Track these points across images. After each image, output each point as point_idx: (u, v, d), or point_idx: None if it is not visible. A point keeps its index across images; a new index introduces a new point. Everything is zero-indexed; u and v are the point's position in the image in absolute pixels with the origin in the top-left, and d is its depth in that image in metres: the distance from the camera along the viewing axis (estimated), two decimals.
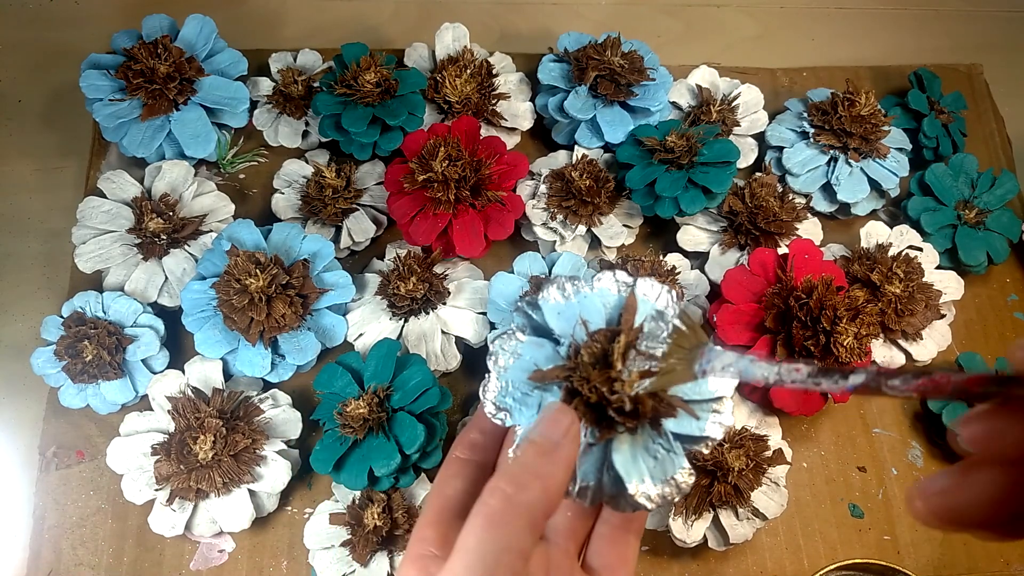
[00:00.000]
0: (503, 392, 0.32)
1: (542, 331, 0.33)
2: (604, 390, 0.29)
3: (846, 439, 0.61)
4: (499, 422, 0.32)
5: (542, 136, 0.69)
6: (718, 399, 0.32)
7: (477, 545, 0.26)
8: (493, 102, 0.66)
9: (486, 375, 0.32)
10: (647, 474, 0.30)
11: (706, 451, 0.51)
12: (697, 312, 0.61)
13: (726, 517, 0.53)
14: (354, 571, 0.51)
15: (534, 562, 0.32)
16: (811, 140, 0.66)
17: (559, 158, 0.66)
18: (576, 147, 0.66)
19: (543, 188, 0.63)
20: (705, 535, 0.53)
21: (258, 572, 0.54)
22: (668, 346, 0.29)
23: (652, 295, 0.33)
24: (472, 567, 0.25)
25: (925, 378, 0.23)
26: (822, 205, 0.67)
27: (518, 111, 0.67)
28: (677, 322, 0.30)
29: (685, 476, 0.31)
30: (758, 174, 0.66)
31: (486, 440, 0.34)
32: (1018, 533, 0.22)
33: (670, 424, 0.31)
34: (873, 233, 0.64)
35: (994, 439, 0.22)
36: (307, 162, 0.65)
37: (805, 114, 0.68)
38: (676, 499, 0.30)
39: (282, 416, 0.55)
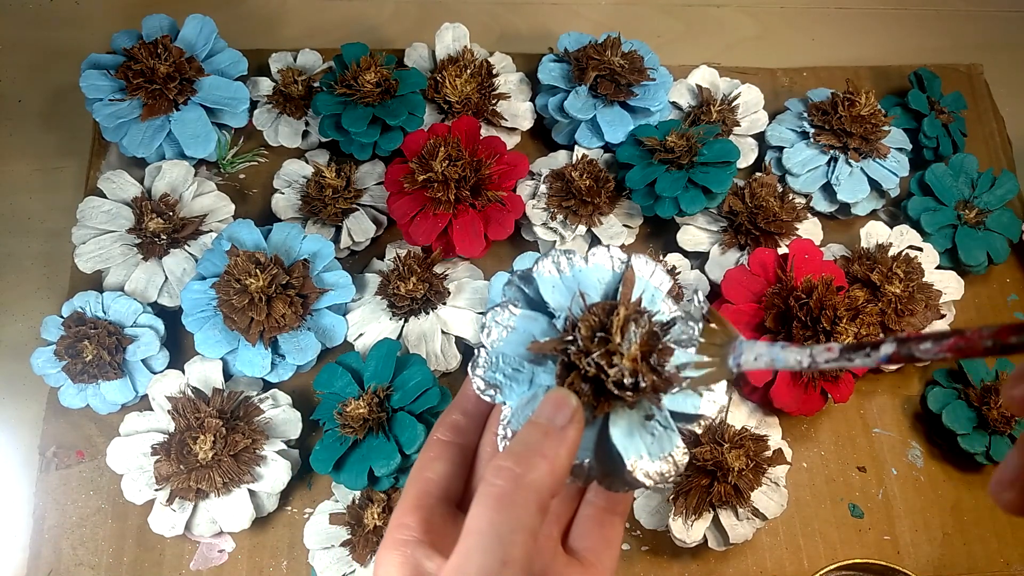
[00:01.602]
0: (493, 367, 0.31)
1: (536, 305, 0.32)
2: (603, 363, 0.29)
3: (846, 439, 0.61)
4: (488, 399, 0.31)
5: (542, 136, 0.69)
6: None
7: (489, 526, 0.25)
8: (493, 102, 0.66)
9: (476, 350, 0.32)
10: (645, 450, 0.30)
11: (699, 430, 0.51)
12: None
13: (726, 517, 0.53)
14: (354, 571, 0.51)
15: None
16: (811, 140, 0.66)
17: (559, 158, 0.66)
18: (576, 147, 0.66)
19: (543, 188, 0.63)
20: (705, 535, 0.53)
21: (258, 572, 0.54)
22: (700, 344, 0.29)
23: (646, 272, 0.33)
24: (487, 548, 0.25)
25: (957, 336, 0.22)
26: (822, 205, 0.67)
27: (518, 111, 0.67)
28: (705, 321, 0.30)
29: (681, 454, 0.30)
30: (758, 174, 0.66)
31: (468, 422, 0.34)
32: None
33: (666, 401, 0.31)
34: (873, 233, 0.64)
35: None
36: (307, 162, 0.65)
37: (805, 114, 0.68)
38: (672, 478, 0.30)
39: (282, 416, 0.55)
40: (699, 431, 0.52)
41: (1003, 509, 0.22)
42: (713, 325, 0.30)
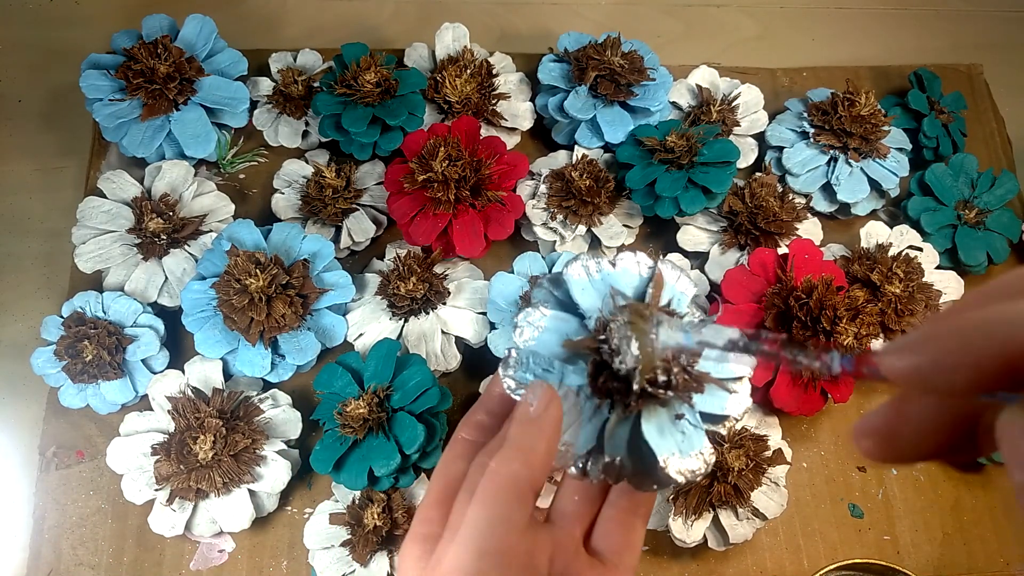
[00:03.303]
0: (524, 367, 0.31)
1: (567, 306, 0.33)
2: None
3: (846, 439, 0.61)
4: (519, 398, 0.31)
5: (542, 136, 0.69)
6: (737, 379, 0.33)
7: (464, 520, 0.26)
8: (493, 102, 0.66)
9: (507, 350, 0.32)
10: (676, 448, 0.30)
11: (724, 431, 0.52)
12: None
13: (726, 517, 0.53)
14: (354, 571, 0.51)
15: (539, 545, 0.32)
16: (811, 140, 0.66)
17: (559, 158, 0.66)
18: (576, 147, 0.66)
19: (543, 188, 0.63)
20: (705, 535, 0.53)
21: (258, 572, 0.54)
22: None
23: (672, 278, 0.33)
24: (460, 541, 0.25)
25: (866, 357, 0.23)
26: (822, 205, 0.67)
27: (518, 111, 0.67)
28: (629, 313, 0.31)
29: (709, 453, 0.31)
30: (758, 174, 0.66)
31: (492, 422, 0.34)
32: (964, 457, 0.23)
33: (696, 400, 0.31)
34: (873, 233, 0.64)
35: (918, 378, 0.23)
36: (307, 162, 0.65)
37: (805, 114, 0.68)
38: (701, 475, 0.30)
39: (282, 416, 0.55)
40: (724, 431, 0.52)
41: (860, 453, 0.24)
42: (637, 311, 0.31)
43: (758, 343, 0.25)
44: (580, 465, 0.30)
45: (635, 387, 0.30)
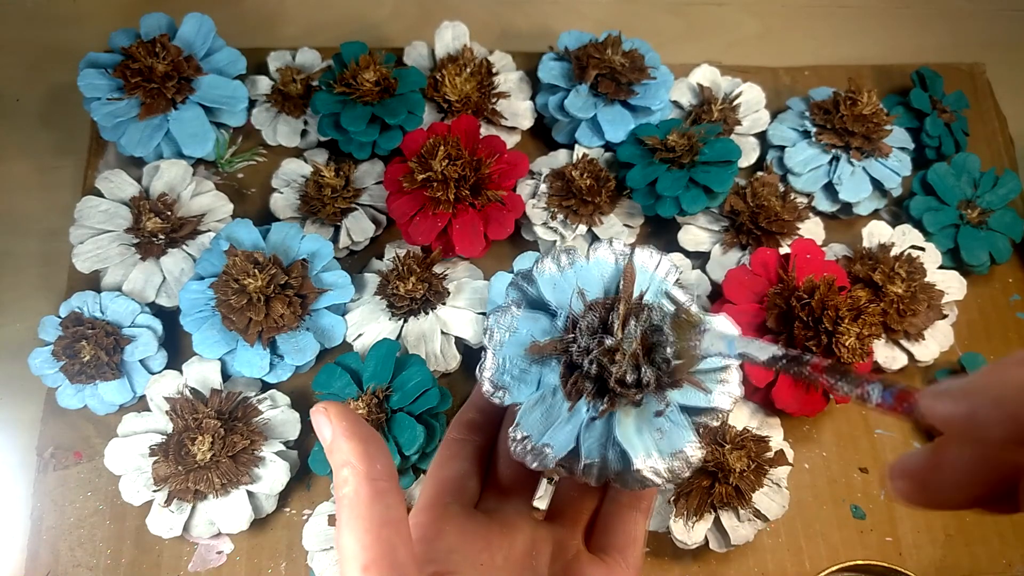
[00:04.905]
0: (500, 370, 0.30)
1: (537, 304, 0.32)
2: (604, 361, 0.29)
3: (848, 440, 0.61)
4: (497, 401, 0.30)
5: (542, 135, 0.69)
6: (724, 368, 0.31)
7: (337, 546, 0.26)
8: (493, 101, 0.66)
9: (482, 353, 0.31)
10: (653, 448, 0.29)
11: (715, 423, 0.51)
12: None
13: (727, 518, 0.52)
14: None
15: (538, 545, 0.31)
16: (813, 139, 0.66)
17: (559, 157, 0.66)
18: (577, 146, 0.65)
19: (543, 187, 0.63)
20: (706, 536, 0.53)
21: (256, 574, 0.54)
22: (673, 336, 0.29)
23: (651, 264, 0.32)
24: (342, 567, 0.25)
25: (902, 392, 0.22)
26: (824, 205, 0.67)
27: (518, 110, 0.67)
28: (672, 310, 0.30)
29: (694, 450, 0.29)
30: (760, 173, 0.66)
31: (483, 420, 0.33)
32: (1005, 509, 0.22)
33: (676, 396, 0.30)
34: (875, 233, 0.63)
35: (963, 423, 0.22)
36: (306, 161, 0.64)
37: (807, 113, 0.68)
38: (686, 474, 0.29)
39: (280, 417, 0.55)
40: (715, 424, 0.51)
41: (894, 494, 0.23)
42: (681, 316, 0.30)
43: (801, 364, 0.25)
44: (565, 467, 0.29)
45: (609, 387, 0.29)
